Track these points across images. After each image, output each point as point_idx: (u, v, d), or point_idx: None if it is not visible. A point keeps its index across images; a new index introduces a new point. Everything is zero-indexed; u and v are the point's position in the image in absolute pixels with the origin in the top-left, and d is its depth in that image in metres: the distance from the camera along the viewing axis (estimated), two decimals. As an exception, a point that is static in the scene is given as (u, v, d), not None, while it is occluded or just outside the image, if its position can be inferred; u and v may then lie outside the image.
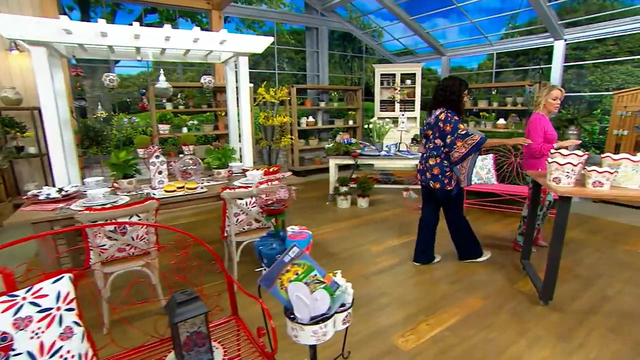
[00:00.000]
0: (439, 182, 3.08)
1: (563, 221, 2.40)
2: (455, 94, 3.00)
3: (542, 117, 3.28)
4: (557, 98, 3.25)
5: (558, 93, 3.24)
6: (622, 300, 2.77)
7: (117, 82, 3.20)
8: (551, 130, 3.30)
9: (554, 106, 3.27)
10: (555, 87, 3.26)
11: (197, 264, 1.77)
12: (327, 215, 4.85)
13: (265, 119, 6.65)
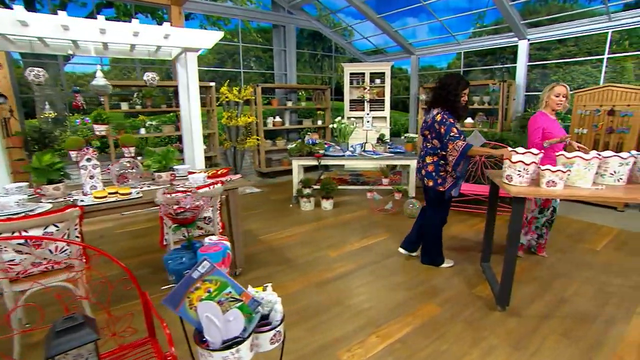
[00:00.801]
0: (432, 180, 3.01)
1: (517, 223, 2.29)
2: (452, 94, 2.86)
3: (540, 116, 3.08)
4: (561, 95, 3.00)
5: (561, 89, 3.00)
6: (578, 301, 2.69)
7: (45, 77, 2.90)
8: (554, 129, 3.04)
9: (557, 103, 3.02)
10: (558, 84, 3.02)
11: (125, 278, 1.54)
12: (289, 219, 4.65)
13: (228, 119, 6.41)
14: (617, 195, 2.18)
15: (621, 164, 2.40)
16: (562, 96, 3.00)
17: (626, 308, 2.62)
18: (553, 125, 3.05)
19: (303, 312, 2.59)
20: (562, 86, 3.00)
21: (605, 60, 5.47)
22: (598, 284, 2.97)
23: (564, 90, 3.00)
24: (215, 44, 3.70)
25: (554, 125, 3.06)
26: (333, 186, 4.92)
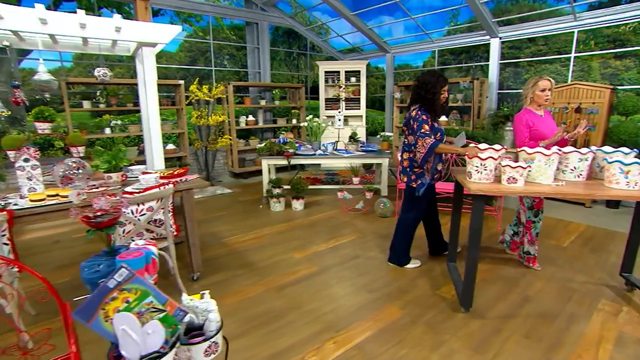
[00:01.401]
0: (407, 176, 3.02)
1: (478, 222, 2.21)
2: (430, 92, 2.82)
3: (526, 112, 2.94)
4: (546, 89, 2.85)
5: (546, 83, 2.84)
6: (542, 299, 2.64)
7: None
8: (541, 126, 2.89)
9: (544, 98, 2.87)
10: (542, 78, 2.87)
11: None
12: (257, 220, 4.50)
13: (198, 119, 6.21)
14: (575, 191, 2.13)
15: (580, 159, 2.36)
16: (548, 90, 2.86)
17: (588, 305, 2.59)
18: (539, 122, 2.91)
19: (259, 318, 2.46)
20: (546, 80, 2.86)
21: (572, 59, 5.52)
22: (563, 280, 2.94)
23: (548, 84, 2.85)
24: (187, 41, 3.55)
25: (541, 122, 2.91)
26: (303, 186, 4.80)
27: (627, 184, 2.15)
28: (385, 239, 3.86)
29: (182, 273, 3.04)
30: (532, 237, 3.10)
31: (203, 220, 4.54)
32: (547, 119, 2.98)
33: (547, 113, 3.03)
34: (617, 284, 2.89)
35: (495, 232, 4.03)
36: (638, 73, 5.34)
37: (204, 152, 6.60)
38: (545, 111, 3.01)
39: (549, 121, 2.98)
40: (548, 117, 3.02)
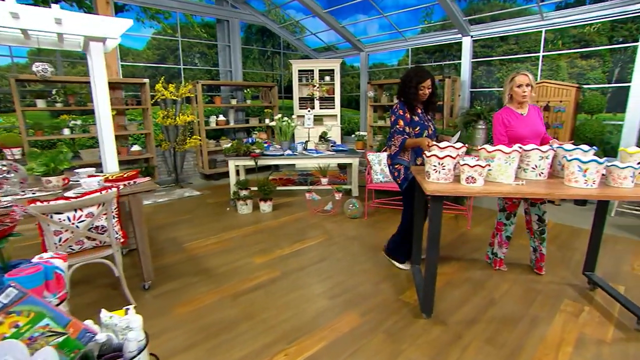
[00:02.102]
0: (391, 174, 3.01)
1: (437, 224, 2.11)
2: (407, 86, 2.80)
3: (504, 111, 2.77)
4: (523, 84, 2.64)
5: (522, 79, 2.64)
6: (505, 302, 2.57)
7: None
8: (518, 126, 2.69)
9: (521, 95, 2.66)
10: (518, 73, 2.66)
11: None
12: (222, 224, 4.32)
13: (164, 119, 5.98)
14: (535, 190, 2.05)
15: (541, 157, 2.29)
16: (526, 85, 2.64)
17: (551, 306, 2.53)
18: (517, 121, 2.71)
19: (209, 329, 2.29)
20: (523, 75, 2.65)
21: (540, 58, 5.55)
22: (528, 281, 2.89)
23: (525, 79, 2.64)
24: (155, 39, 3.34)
25: (519, 121, 2.71)
26: (271, 187, 4.64)
27: (586, 182, 2.09)
28: (353, 240, 3.75)
29: (134, 282, 2.86)
30: (502, 239, 3.01)
31: (165, 224, 4.33)
32: (529, 118, 2.74)
33: (533, 111, 2.79)
34: (580, 283, 2.85)
35: (465, 232, 3.97)
36: (602, 73, 5.41)
37: (172, 153, 6.37)
38: (532, 109, 2.79)
39: (531, 121, 2.73)
40: (533, 115, 2.76)
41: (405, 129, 2.81)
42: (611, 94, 5.45)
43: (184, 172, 7.00)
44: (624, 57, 5.21)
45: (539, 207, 2.88)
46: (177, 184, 6.45)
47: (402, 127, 2.81)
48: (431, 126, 2.93)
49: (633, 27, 4.92)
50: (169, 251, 3.55)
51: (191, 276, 3.02)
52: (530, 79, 2.66)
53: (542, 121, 2.82)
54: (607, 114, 5.45)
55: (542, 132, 2.76)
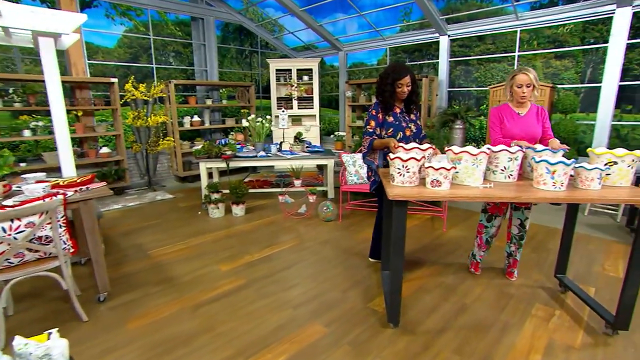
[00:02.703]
0: (367, 175, 2.96)
1: (400, 230, 2.01)
2: (383, 83, 2.68)
3: (502, 107, 2.67)
4: (523, 85, 2.51)
5: (522, 78, 2.51)
6: (477, 308, 2.49)
7: None
8: (512, 125, 2.59)
9: (520, 95, 2.55)
10: (520, 71, 2.52)
11: None
12: (192, 228, 4.15)
13: (135, 120, 5.75)
14: (502, 194, 1.97)
15: (510, 159, 2.22)
16: (526, 86, 2.51)
17: (522, 311, 2.46)
18: (513, 120, 2.61)
19: (164, 344, 2.14)
20: (524, 74, 2.50)
21: (516, 58, 5.55)
22: (501, 285, 2.83)
23: (525, 78, 2.50)
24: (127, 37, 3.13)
25: (515, 120, 2.61)
26: (243, 190, 4.50)
27: (554, 185, 2.02)
28: (325, 244, 3.64)
29: (91, 294, 2.68)
30: (482, 242, 2.91)
31: (132, 230, 4.14)
32: (526, 120, 2.61)
33: (533, 112, 2.64)
34: (552, 286, 2.80)
35: (441, 234, 3.91)
36: (576, 73, 5.45)
37: (145, 155, 6.14)
38: (533, 109, 2.65)
39: (527, 122, 2.61)
40: (531, 117, 2.62)
41: (376, 130, 2.71)
42: (584, 94, 5.49)
43: (158, 175, 6.78)
44: (595, 58, 5.25)
45: (523, 212, 2.75)
46: (150, 187, 6.23)
47: (372, 129, 2.71)
48: (412, 127, 2.77)
49: (603, 28, 4.96)
50: (133, 259, 3.37)
51: (152, 285, 2.86)
52: (531, 78, 2.50)
53: (544, 123, 2.64)
54: (580, 114, 5.49)
55: (537, 135, 2.59)
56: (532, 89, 2.55)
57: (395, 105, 2.75)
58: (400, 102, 2.78)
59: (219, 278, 2.97)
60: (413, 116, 2.84)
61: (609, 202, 1.74)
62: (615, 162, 2.13)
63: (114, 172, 5.72)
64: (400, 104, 2.79)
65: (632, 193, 2.01)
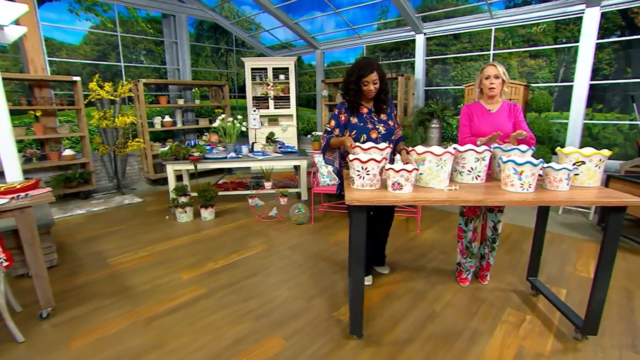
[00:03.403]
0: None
1: (358, 237, 1.88)
2: (347, 81, 2.50)
3: (472, 105, 2.59)
4: (491, 76, 2.41)
5: (490, 70, 2.41)
6: (446, 316, 2.39)
7: None
8: (482, 122, 2.50)
9: (488, 87, 2.43)
10: (488, 64, 2.43)
11: None
12: (158, 234, 3.95)
13: (100, 120, 5.49)
14: (467, 197, 1.86)
15: (477, 159, 2.12)
16: (494, 77, 2.40)
17: (493, 316, 2.37)
18: (483, 118, 2.51)
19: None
20: (491, 66, 2.41)
21: (491, 56, 5.52)
22: (473, 290, 2.74)
23: (493, 70, 2.40)
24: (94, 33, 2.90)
25: (485, 118, 2.51)
26: (212, 193, 4.31)
27: (522, 187, 1.93)
28: (295, 249, 3.50)
29: (33, 310, 2.47)
30: (462, 247, 2.78)
31: (93, 236, 3.91)
32: (497, 117, 2.50)
33: (505, 109, 2.53)
34: (525, 289, 2.73)
35: (415, 237, 3.81)
36: (549, 72, 5.46)
37: (113, 157, 5.88)
38: (505, 106, 2.54)
39: (498, 119, 2.50)
40: (502, 114, 2.51)
41: (335, 130, 2.54)
42: (558, 93, 5.50)
43: (128, 178, 6.52)
44: (567, 57, 5.27)
45: (496, 214, 2.66)
46: (119, 190, 5.97)
47: (330, 128, 2.54)
48: (380, 129, 2.55)
49: (574, 28, 4.98)
50: (88, 268, 3.16)
51: (105, 298, 2.66)
52: (499, 71, 2.40)
53: (517, 118, 2.50)
54: (555, 113, 5.50)
55: (507, 133, 2.43)
56: (502, 84, 2.46)
57: (363, 104, 2.56)
58: (368, 101, 2.58)
59: (179, 287, 2.80)
60: (384, 116, 2.61)
61: (577, 205, 1.64)
62: (583, 161, 2.05)
63: (79, 175, 5.45)
64: (368, 104, 2.59)
65: (600, 194, 1.93)
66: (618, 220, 1.89)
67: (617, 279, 2.89)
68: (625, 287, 2.77)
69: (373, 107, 2.60)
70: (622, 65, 4.92)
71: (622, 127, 5.03)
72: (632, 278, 2.92)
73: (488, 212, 2.69)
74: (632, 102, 4.42)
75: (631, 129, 4.84)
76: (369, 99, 2.55)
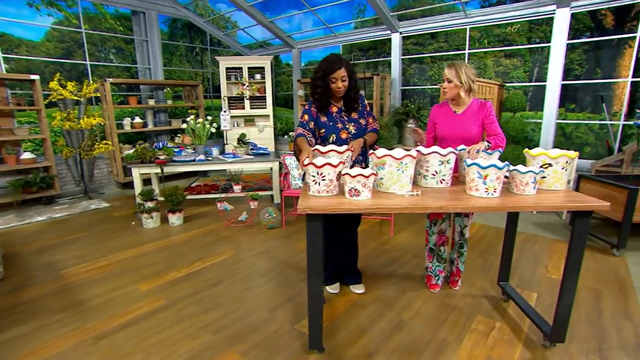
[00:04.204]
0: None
1: (315, 247, 1.76)
2: (313, 78, 2.35)
3: (438, 107, 2.48)
4: (445, 79, 2.30)
5: (444, 72, 2.32)
6: (414, 325, 2.30)
7: None
8: (444, 125, 2.41)
9: (442, 90, 2.35)
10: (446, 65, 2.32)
11: None
12: (121, 241, 3.76)
13: (62, 121, 5.23)
14: (430, 203, 1.76)
15: (441, 162, 2.02)
16: (447, 81, 2.30)
17: (462, 325, 2.29)
18: (447, 120, 2.41)
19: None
20: (447, 67, 2.30)
21: (466, 56, 5.50)
22: (443, 296, 2.65)
23: (446, 73, 2.30)
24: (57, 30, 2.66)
25: (449, 120, 2.40)
26: (180, 196, 4.13)
27: (486, 191, 1.85)
28: (263, 255, 3.36)
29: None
30: (427, 251, 2.70)
31: (49, 246, 3.68)
32: (461, 118, 2.38)
33: (473, 109, 2.38)
34: (496, 294, 2.67)
35: (388, 240, 3.73)
36: (524, 72, 5.47)
37: (78, 160, 5.62)
38: (473, 106, 2.38)
39: (462, 121, 2.37)
40: (467, 115, 2.38)
41: (310, 123, 2.36)
42: (532, 93, 5.52)
43: (97, 181, 6.26)
44: (541, 57, 5.30)
45: (462, 219, 2.59)
46: (86, 195, 5.71)
47: (305, 121, 2.34)
48: (351, 128, 2.41)
49: (547, 29, 5.00)
50: (39, 281, 2.95)
51: (52, 314, 2.47)
52: (447, 74, 2.28)
53: (485, 119, 2.35)
54: (530, 112, 5.52)
55: (470, 135, 2.34)
56: (457, 87, 2.30)
57: (332, 103, 2.42)
58: (338, 100, 2.43)
59: (136, 300, 2.63)
60: (355, 115, 2.47)
61: (544, 209, 1.57)
62: (550, 164, 1.99)
63: (40, 179, 5.17)
64: (338, 102, 2.44)
65: (567, 198, 1.87)
66: (584, 224, 1.83)
67: (587, 280, 2.87)
68: (595, 289, 2.74)
69: (343, 106, 2.45)
70: (592, 66, 4.96)
71: (593, 126, 5.08)
72: (601, 279, 2.90)
73: (455, 216, 2.62)
74: (602, 102, 4.45)
75: (601, 128, 4.89)
76: (339, 97, 2.40)
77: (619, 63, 4.66)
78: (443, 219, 2.62)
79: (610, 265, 3.14)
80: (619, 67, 4.66)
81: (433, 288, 2.70)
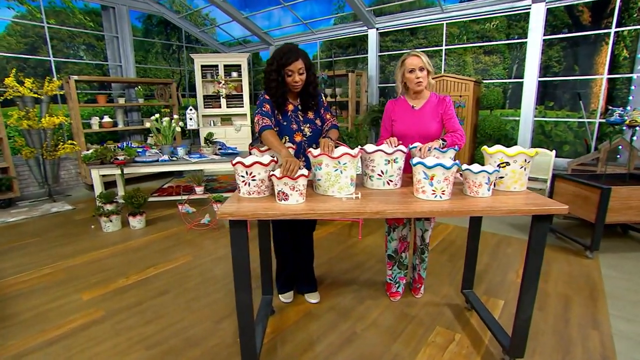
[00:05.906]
0: None
1: (240, 254, 1.59)
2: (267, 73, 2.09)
3: (395, 102, 2.30)
4: (416, 68, 2.09)
5: (413, 61, 2.10)
6: (367, 337, 2.13)
7: None
8: (401, 121, 2.23)
9: (414, 82, 2.12)
10: (409, 55, 2.12)
11: None
12: (74, 247, 3.54)
13: (20, 120, 4.97)
14: (370, 207, 1.59)
15: (387, 161, 1.86)
16: (419, 70, 2.10)
17: (419, 338, 2.13)
18: (404, 116, 2.22)
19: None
20: (414, 56, 2.10)
21: (444, 52, 5.36)
22: (404, 304, 2.49)
23: (417, 61, 2.08)
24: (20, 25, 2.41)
25: (407, 116, 2.22)
26: (141, 198, 3.93)
27: (434, 193, 1.68)
28: (221, 261, 3.18)
29: None
30: (386, 257, 2.54)
31: (-5, 252, 3.46)
32: (420, 114, 2.21)
33: (432, 104, 2.22)
34: (460, 302, 2.51)
35: (355, 243, 3.56)
36: (503, 69, 5.36)
37: (42, 161, 5.37)
38: (432, 100, 2.23)
39: (421, 116, 2.21)
40: (426, 110, 2.21)
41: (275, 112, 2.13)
42: (511, 90, 5.41)
43: (63, 183, 6.01)
44: (519, 54, 5.19)
45: (423, 222, 2.42)
46: (50, 197, 5.47)
47: (267, 110, 2.07)
48: (307, 130, 2.18)
49: (525, 25, 4.88)
50: (-26, 291, 2.73)
51: (-23, 329, 2.27)
52: (423, 62, 2.09)
53: (444, 114, 2.20)
54: (509, 110, 5.40)
55: (429, 132, 2.18)
56: (428, 75, 2.15)
57: (289, 100, 2.17)
58: (295, 97, 2.20)
59: (73, 311, 2.43)
60: (311, 114, 2.22)
61: (497, 214, 1.40)
62: (508, 162, 1.83)
63: (3, 181, 4.93)
64: (295, 100, 2.21)
65: (525, 201, 1.71)
66: (542, 230, 1.67)
67: (558, 284, 2.73)
68: (565, 294, 2.61)
69: (300, 104, 2.22)
70: (570, 63, 4.85)
71: (572, 124, 4.97)
72: (572, 283, 2.76)
73: (416, 220, 2.46)
74: (579, 99, 4.33)
75: (580, 126, 4.78)
76: (295, 93, 2.17)
77: (596, 60, 4.56)
78: (404, 224, 2.45)
79: (583, 268, 3.01)
80: (596, 64, 4.56)
81: (393, 296, 2.54)
